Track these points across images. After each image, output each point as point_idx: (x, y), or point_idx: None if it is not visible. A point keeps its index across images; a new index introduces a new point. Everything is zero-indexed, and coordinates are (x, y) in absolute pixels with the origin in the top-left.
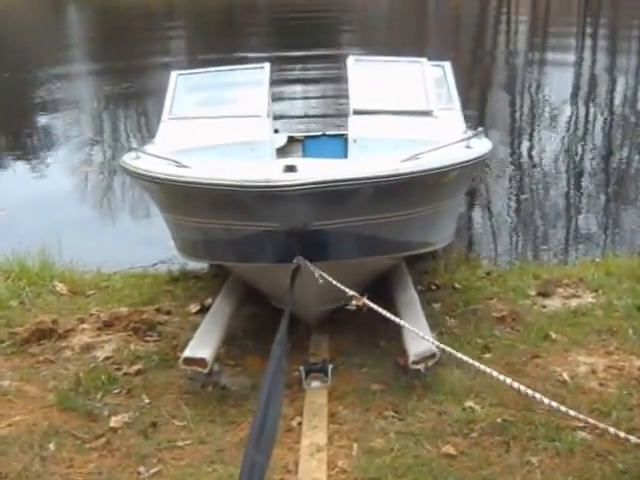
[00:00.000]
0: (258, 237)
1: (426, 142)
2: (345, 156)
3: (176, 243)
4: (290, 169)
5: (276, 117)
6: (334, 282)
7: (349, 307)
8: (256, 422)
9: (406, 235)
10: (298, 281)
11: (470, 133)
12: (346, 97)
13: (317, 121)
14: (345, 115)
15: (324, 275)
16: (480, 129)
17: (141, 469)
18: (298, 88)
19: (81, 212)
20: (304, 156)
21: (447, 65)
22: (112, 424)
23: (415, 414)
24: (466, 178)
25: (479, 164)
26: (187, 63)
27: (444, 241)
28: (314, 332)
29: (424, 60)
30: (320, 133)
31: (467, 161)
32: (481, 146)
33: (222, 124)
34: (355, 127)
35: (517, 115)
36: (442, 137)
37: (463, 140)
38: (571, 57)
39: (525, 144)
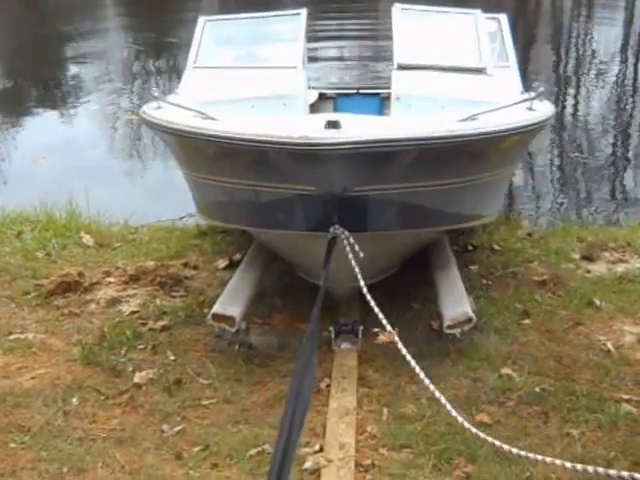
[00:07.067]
0: (290, 201)
1: (478, 103)
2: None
3: (196, 203)
4: (332, 125)
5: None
6: (370, 300)
7: (377, 342)
8: (280, 442)
9: (454, 206)
10: (333, 253)
11: (528, 94)
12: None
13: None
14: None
15: (358, 250)
16: (541, 89)
17: (164, 427)
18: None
19: (110, 162)
20: None
21: (503, 18)
22: (136, 380)
23: (448, 380)
24: (525, 144)
25: (541, 128)
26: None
27: (493, 214)
28: None
29: (478, 12)
30: (354, 91)
31: (530, 125)
32: (543, 108)
33: (252, 75)
34: (399, 83)
35: (563, 70)
36: (496, 98)
37: (525, 101)
38: (620, 14)
39: (571, 99)
